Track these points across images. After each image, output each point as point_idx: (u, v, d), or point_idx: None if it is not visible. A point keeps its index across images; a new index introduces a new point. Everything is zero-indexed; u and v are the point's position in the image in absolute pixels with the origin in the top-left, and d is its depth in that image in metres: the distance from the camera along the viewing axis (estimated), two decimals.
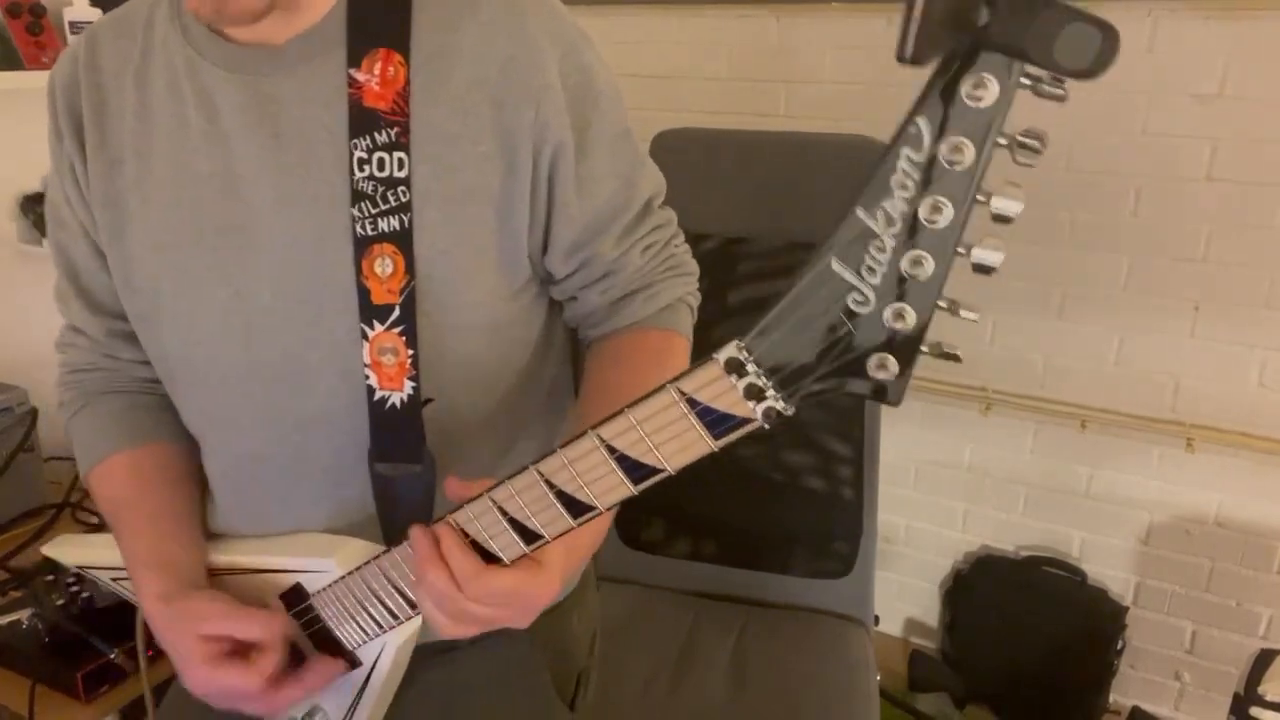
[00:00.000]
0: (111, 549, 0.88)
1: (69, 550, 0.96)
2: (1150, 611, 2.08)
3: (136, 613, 0.98)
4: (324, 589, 0.78)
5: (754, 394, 0.48)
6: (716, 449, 0.51)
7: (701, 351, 0.87)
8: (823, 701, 1.38)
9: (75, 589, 1.27)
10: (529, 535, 0.62)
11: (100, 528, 1.48)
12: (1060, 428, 2.04)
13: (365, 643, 0.80)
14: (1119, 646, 2.04)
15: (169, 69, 0.76)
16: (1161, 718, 2.11)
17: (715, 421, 0.50)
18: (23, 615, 1.24)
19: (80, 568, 0.94)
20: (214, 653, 0.75)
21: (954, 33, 0.38)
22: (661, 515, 1.59)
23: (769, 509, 1.55)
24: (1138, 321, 1.92)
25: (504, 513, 0.61)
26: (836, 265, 0.43)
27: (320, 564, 0.78)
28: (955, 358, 0.44)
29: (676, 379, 0.51)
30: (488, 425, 0.82)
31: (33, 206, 1.65)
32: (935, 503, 2.25)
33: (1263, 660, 1.68)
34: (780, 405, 0.48)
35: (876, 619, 1.59)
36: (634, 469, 0.54)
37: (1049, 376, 2.05)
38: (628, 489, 0.55)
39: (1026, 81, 0.39)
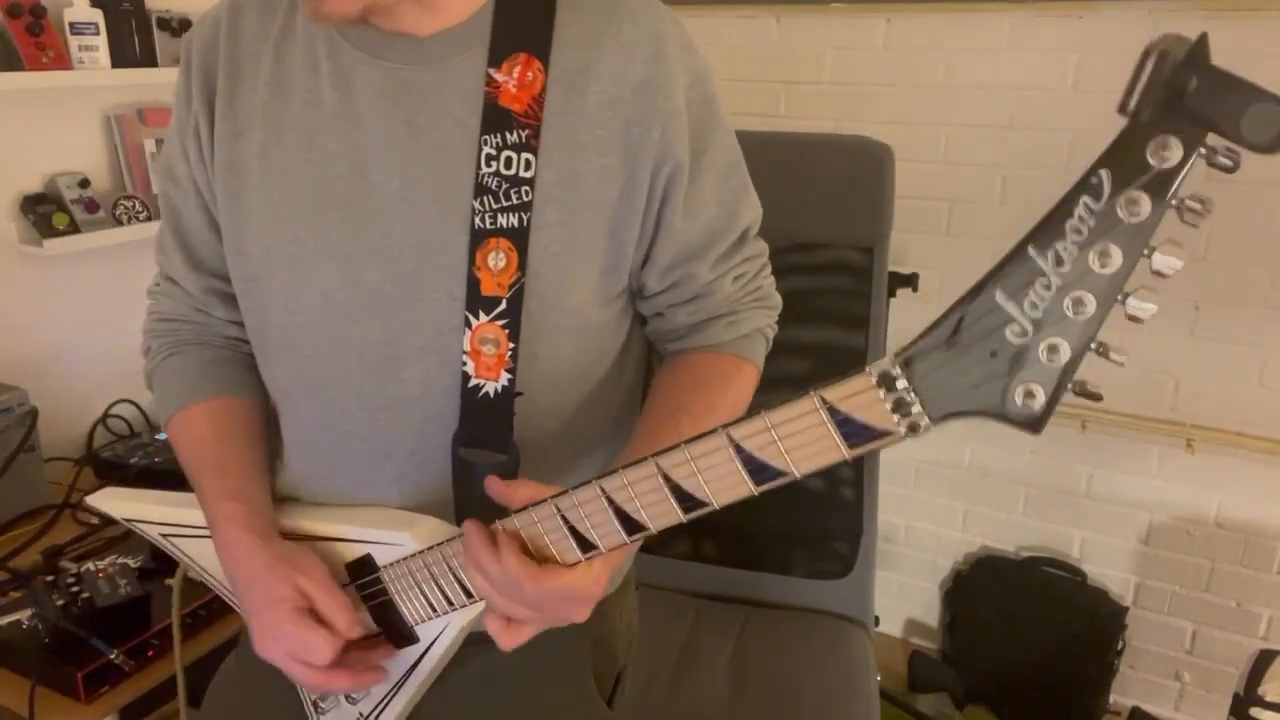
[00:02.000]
0: (161, 505, 0.89)
1: (117, 502, 0.95)
2: (1150, 611, 2.08)
3: (177, 569, 0.98)
4: (395, 562, 0.78)
5: (900, 408, 0.50)
6: (849, 458, 0.53)
7: None
8: (823, 701, 1.38)
9: (75, 589, 1.27)
10: (632, 525, 0.62)
11: (99, 528, 1.48)
12: (1060, 428, 2.04)
13: (429, 619, 0.80)
14: (1119, 646, 2.04)
15: (309, 46, 0.78)
16: (1161, 718, 2.11)
17: (853, 431, 0.52)
18: (23, 615, 1.24)
19: (128, 520, 0.94)
20: (303, 605, 0.76)
21: (1161, 96, 0.41)
22: None
23: (769, 509, 1.55)
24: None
25: (611, 501, 0.62)
26: (1000, 297, 0.46)
27: (395, 537, 0.78)
28: (1098, 396, 0.46)
29: (821, 387, 0.52)
30: (566, 426, 0.84)
31: (33, 207, 1.64)
32: (935, 503, 2.25)
33: (1263, 660, 1.68)
34: (924, 422, 0.50)
35: (876, 619, 1.59)
36: (759, 470, 0.56)
37: None
38: (749, 489, 0.56)
39: (1203, 150, 0.42)
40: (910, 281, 1.75)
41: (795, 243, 1.51)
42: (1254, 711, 1.60)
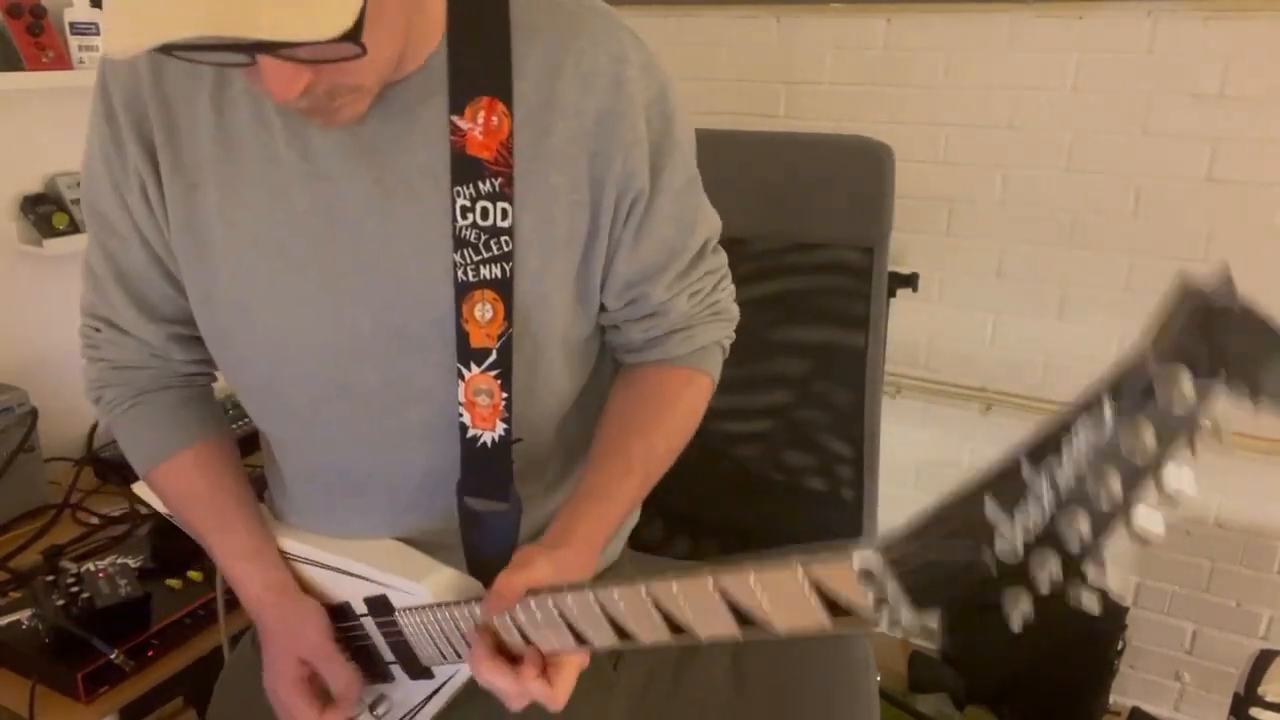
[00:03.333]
0: None
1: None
2: (1150, 611, 2.08)
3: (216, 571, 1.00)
4: (410, 609, 0.79)
5: (881, 602, 0.48)
6: (831, 628, 0.52)
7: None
8: (823, 701, 1.38)
9: (75, 589, 1.27)
10: (625, 635, 0.64)
11: (99, 528, 1.48)
12: None
13: (443, 664, 0.81)
14: (1119, 646, 2.04)
15: (253, 99, 0.74)
16: (1161, 718, 2.10)
17: (838, 609, 0.51)
18: (23, 615, 1.24)
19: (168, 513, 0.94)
20: (302, 676, 0.81)
21: (1178, 334, 0.38)
22: (661, 515, 1.59)
23: (769, 509, 1.55)
24: (1138, 321, 1.90)
25: (605, 613, 0.63)
26: (989, 507, 0.43)
27: (410, 586, 0.79)
28: (1092, 612, 0.44)
29: (807, 562, 0.51)
30: (553, 451, 0.86)
31: (33, 207, 1.64)
32: None
33: (1263, 660, 1.68)
34: (904, 617, 0.48)
35: None
36: (743, 616, 0.56)
37: (1049, 376, 2.05)
38: (734, 630, 0.57)
39: (1221, 388, 0.39)
40: (910, 281, 1.74)
41: (795, 243, 1.51)
42: (1254, 711, 1.60)
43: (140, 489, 0.95)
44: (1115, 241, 1.92)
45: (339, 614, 0.85)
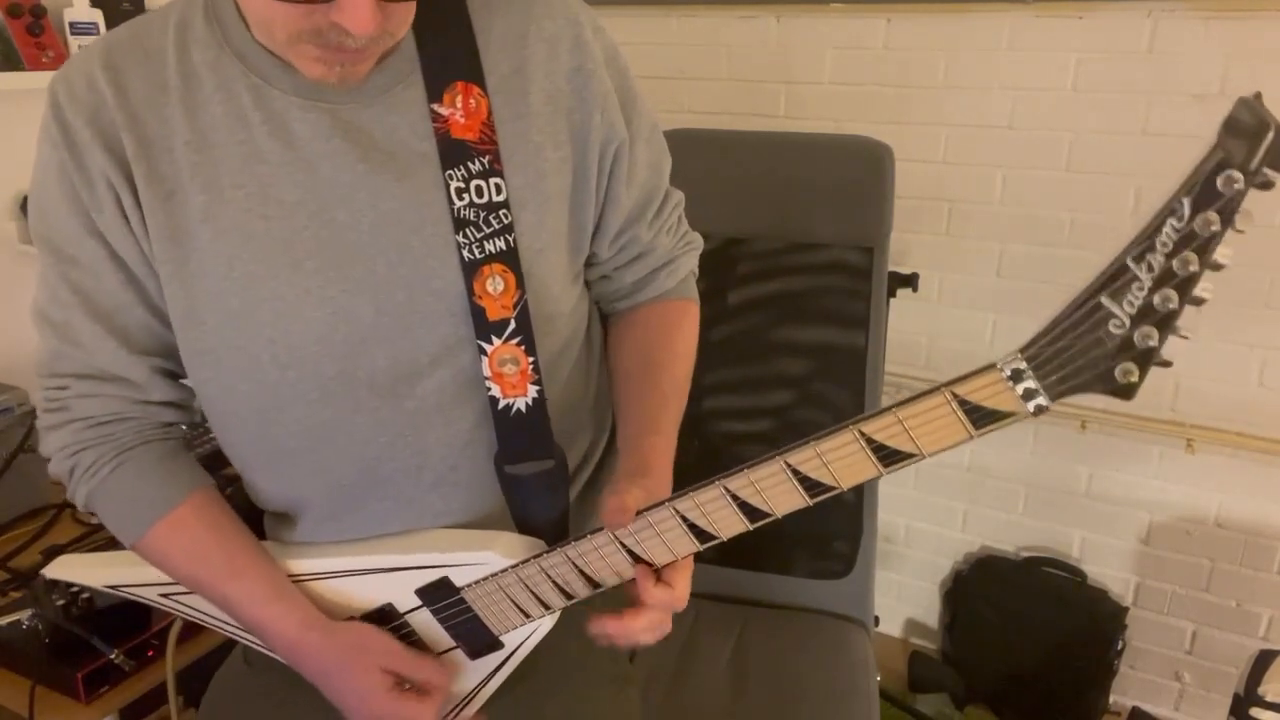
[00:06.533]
0: (127, 566, 0.86)
1: (87, 570, 0.92)
2: (1150, 611, 2.08)
3: (172, 626, 0.98)
4: (480, 580, 0.79)
5: (1028, 395, 0.60)
6: (976, 437, 0.61)
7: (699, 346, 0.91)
8: (823, 701, 1.38)
9: (75, 589, 1.27)
10: (755, 514, 0.70)
11: (99, 528, 1.48)
12: (1060, 428, 2.04)
13: (518, 628, 0.82)
14: (1119, 646, 2.04)
15: (227, 96, 0.74)
16: (1161, 718, 2.11)
17: (981, 417, 0.61)
18: (23, 615, 1.24)
19: (112, 587, 0.91)
20: (393, 684, 0.80)
21: (1238, 144, 0.54)
22: None
23: None
24: None
25: (733, 497, 0.69)
26: (1105, 299, 0.57)
27: (477, 557, 0.79)
28: (1169, 364, 0.59)
29: (951, 384, 0.60)
30: (577, 399, 0.88)
31: None
32: (935, 503, 2.25)
33: (1263, 660, 1.68)
34: (1046, 403, 0.59)
35: (876, 619, 1.59)
36: (887, 455, 0.64)
37: None
38: (877, 470, 0.65)
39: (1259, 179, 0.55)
40: (910, 281, 1.75)
41: (795, 243, 1.51)
42: (1254, 711, 1.60)
43: (59, 570, 0.90)
44: (1115, 241, 1.90)
45: (376, 621, 0.84)
